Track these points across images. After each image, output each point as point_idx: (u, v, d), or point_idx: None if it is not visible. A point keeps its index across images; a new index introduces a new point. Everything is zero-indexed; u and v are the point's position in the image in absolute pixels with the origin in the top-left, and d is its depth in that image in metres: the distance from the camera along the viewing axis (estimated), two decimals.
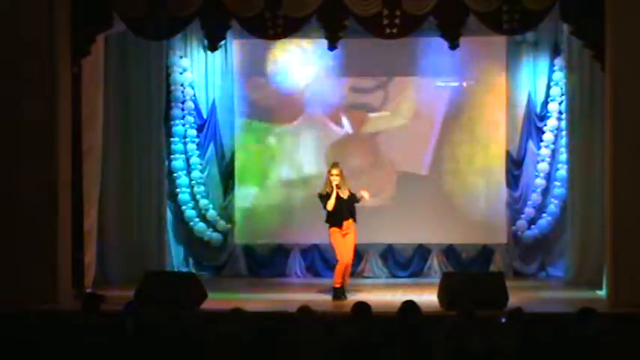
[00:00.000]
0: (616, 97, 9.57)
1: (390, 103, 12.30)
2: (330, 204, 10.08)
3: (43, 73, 9.80)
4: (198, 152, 12.43)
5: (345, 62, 12.04)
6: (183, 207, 12.37)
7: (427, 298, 9.81)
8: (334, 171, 10.19)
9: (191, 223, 12.39)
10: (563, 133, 11.89)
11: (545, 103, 12.11)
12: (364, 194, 10.17)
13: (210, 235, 12.40)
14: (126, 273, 11.49)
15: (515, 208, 12.17)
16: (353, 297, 10.15)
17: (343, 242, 10.14)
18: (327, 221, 10.22)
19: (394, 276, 12.21)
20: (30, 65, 9.78)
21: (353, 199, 10.21)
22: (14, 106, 9.78)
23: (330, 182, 10.14)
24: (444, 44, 10.17)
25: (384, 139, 12.31)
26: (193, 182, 12.41)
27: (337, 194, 10.09)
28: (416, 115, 12.28)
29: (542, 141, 12.10)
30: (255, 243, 12.45)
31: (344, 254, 10.13)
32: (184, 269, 12.25)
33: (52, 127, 9.82)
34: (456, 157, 12.24)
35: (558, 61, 11.95)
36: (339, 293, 10.12)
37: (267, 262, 12.43)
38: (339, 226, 10.12)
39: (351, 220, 10.17)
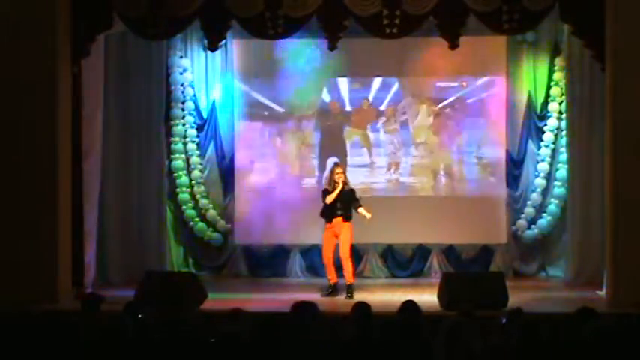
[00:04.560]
0: (616, 97, 9.58)
1: (390, 103, 12.31)
2: (331, 198, 10.38)
3: (43, 73, 9.81)
4: (198, 152, 12.43)
5: (345, 62, 12.04)
6: (183, 207, 12.37)
7: (427, 298, 9.81)
8: (338, 170, 10.47)
9: (191, 223, 12.39)
10: (563, 133, 11.90)
11: (545, 103, 12.12)
12: (365, 214, 10.39)
13: (210, 235, 12.40)
14: (126, 273, 11.50)
15: (515, 208, 12.17)
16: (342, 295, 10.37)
17: (326, 240, 10.50)
18: (321, 215, 10.53)
19: (394, 276, 12.21)
20: (30, 65, 9.79)
21: (353, 195, 10.45)
22: (14, 106, 9.79)
23: (335, 179, 10.39)
24: (443, 44, 10.18)
25: (384, 138, 12.31)
26: (193, 182, 12.41)
27: (341, 190, 10.35)
28: (416, 116, 12.28)
29: (542, 141, 12.10)
30: (255, 243, 12.46)
31: (322, 251, 10.57)
32: (184, 269, 12.25)
33: (52, 127, 9.83)
34: (456, 157, 12.25)
35: (558, 61, 11.96)
36: (328, 289, 10.49)
37: (267, 262, 12.43)
38: (329, 221, 10.43)
39: (341, 219, 10.35)
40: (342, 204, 10.40)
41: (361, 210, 10.41)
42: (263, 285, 11.66)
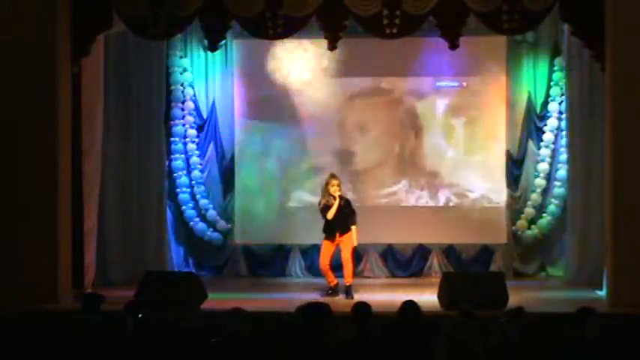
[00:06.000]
0: (616, 97, 9.58)
1: (390, 103, 12.31)
2: (331, 213, 10.25)
3: (43, 73, 9.81)
4: (198, 152, 12.44)
5: (345, 62, 12.04)
6: (183, 207, 12.38)
7: (427, 298, 9.81)
8: (334, 181, 10.34)
9: (191, 223, 12.40)
10: (563, 133, 11.91)
11: (545, 103, 12.14)
12: (354, 239, 10.33)
13: (210, 235, 12.41)
14: (126, 273, 11.49)
15: (515, 208, 12.18)
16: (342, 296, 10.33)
17: (324, 248, 10.38)
18: (324, 231, 10.42)
19: (394, 276, 12.22)
20: (30, 65, 9.79)
21: (349, 207, 10.36)
22: (14, 106, 9.79)
23: (330, 193, 10.28)
24: (444, 44, 10.18)
25: (384, 138, 12.31)
26: (193, 182, 12.42)
27: (338, 205, 10.24)
28: (416, 115, 12.28)
29: (542, 141, 12.12)
30: (255, 243, 12.46)
31: (320, 259, 10.46)
32: (184, 269, 12.25)
33: (52, 127, 9.82)
34: (456, 157, 12.25)
35: (558, 61, 11.96)
36: (329, 289, 10.40)
37: (267, 262, 12.43)
38: (332, 239, 10.33)
39: (338, 234, 10.30)
40: (340, 219, 10.28)
41: (353, 231, 10.31)
42: (263, 285, 11.66)
